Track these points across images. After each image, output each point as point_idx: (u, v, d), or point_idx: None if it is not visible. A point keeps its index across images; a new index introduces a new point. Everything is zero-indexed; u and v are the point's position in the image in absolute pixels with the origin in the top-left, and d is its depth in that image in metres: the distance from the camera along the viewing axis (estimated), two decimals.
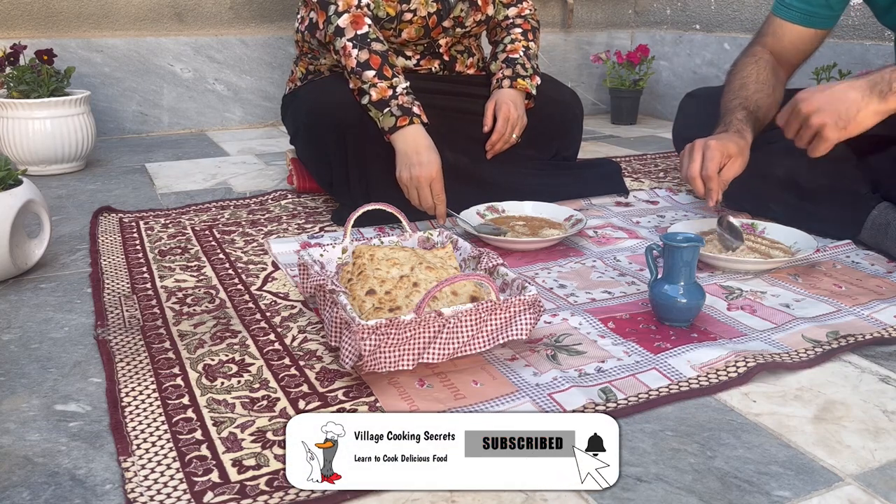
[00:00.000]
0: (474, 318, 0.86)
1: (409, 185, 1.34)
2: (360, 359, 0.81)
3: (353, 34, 1.38)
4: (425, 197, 1.34)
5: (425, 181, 1.33)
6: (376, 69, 1.36)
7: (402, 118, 1.35)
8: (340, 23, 1.39)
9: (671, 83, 2.80)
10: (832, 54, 2.16)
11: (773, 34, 1.43)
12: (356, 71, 1.38)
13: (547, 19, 2.82)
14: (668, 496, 0.67)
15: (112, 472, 0.70)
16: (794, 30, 1.40)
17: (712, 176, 1.20)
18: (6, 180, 1.13)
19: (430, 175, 1.32)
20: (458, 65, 1.63)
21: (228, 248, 1.31)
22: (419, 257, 1.01)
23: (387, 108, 1.36)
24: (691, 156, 1.23)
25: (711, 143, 1.22)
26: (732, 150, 1.22)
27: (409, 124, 1.35)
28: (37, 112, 1.80)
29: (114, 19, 2.31)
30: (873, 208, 1.28)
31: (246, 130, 2.48)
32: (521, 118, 1.53)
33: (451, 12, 1.51)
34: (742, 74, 1.39)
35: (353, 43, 1.38)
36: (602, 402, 0.81)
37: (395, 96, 1.36)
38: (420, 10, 1.48)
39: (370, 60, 1.37)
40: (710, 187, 1.21)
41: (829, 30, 1.41)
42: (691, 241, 0.97)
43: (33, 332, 1.00)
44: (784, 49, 1.42)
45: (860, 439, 0.76)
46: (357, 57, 1.37)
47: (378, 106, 1.36)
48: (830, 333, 0.97)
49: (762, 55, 1.41)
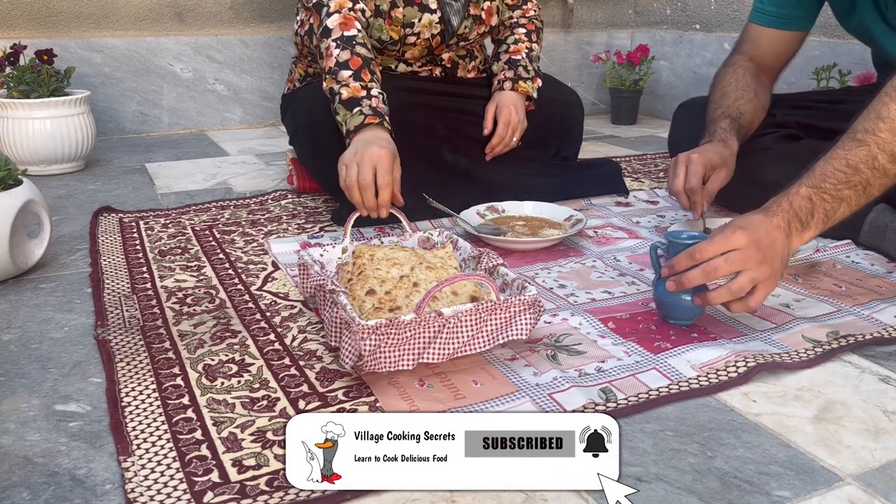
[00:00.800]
0: (474, 319, 0.86)
1: (351, 161, 1.15)
2: (360, 359, 0.81)
3: (340, 35, 1.30)
4: (364, 174, 1.13)
5: (372, 158, 1.13)
6: (353, 70, 1.28)
7: (371, 117, 1.23)
8: (329, 23, 1.32)
9: (671, 83, 2.80)
10: (832, 54, 2.16)
11: (751, 41, 1.43)
12: (333, 70, 1.28)
13: (547, 19, 2.82)
14: (668, 496, 0.67)
15: (112, 472, 0.70)
16: (770, 34, 1.41)
17: (696, 189, 1.21)
18: (6, 180, 1.13)
19: (380, 154, 1.14)
20: (460, 70, 1.63)
21: (228, 248, 1.31)
22: (419, 257, 1.01)
23: (357, 107, 1.24)
24: (674, 171, 1.24)
25: (693, 157, 1.22)
26: (716, 161, 1.22)
27: (377, 126, 1.23)
28: (37, 112, 1.80)
29: (114, 19, 2.31)
30: (870, 211, 1.27)
31: (246, 130, 2.48)
32: (522, 122, 1.53)
33: (454, 32, 1.51)
34: (722, 84, 1.40)
35: (337, 43, 1.29)
36: (602, 402, 0.81)
37: (369, 97, 1.25)
38: (424, 32, 1.47)
39: (350, 61, 1.28)
40: (695, 200, 1.22)
41: (806, 31, 1.42)
42: (695, 238, 0.97)
43: (33, 332, 1.00)
44: (763, 54, 1.42)
45: (860, 439, 0.76)
46: (337, 56, 1.28)
47: (347, 105, 1.25)
48: (830, 333, 0.97)
49: (741, 62, 1.42)
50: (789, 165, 1.33)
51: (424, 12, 1.45)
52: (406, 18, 1.44)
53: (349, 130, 1.23)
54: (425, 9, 1.45)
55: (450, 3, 1.48)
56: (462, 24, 1.51)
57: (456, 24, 1.50)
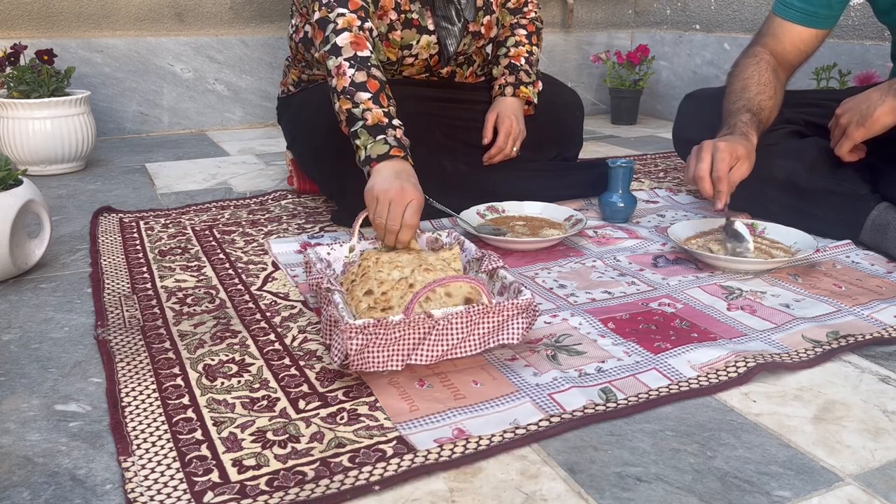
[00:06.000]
0: (465, 321, 0.86)
1: (381, 199, 1.11)
2: (347, 358, 0.81)
3: (353, 54, 1.23)
4: (395, 215, 1.09)
5: (406, 199, 1.10)
6: (372, 93, 1.21)
7: (396, 149, 1.17)
8: (339, 41, 1.24)
9: (671, 83, 2.80)
10: (832, 54, 2.16)
11: (774, 34, 1.42)
12: (348, 91, 1.21)
13: (547, 19, 2.82)
14: (668, 496, 0.67)
15: (112, 472, 0.70)
16: (794, 30, 1.40)
17: (723, 177, 1.18)
18: (6, 180, 1.13)
19: (415, 196, 1.11)
20: (458, 76, 1.62)
21: (228, 248, 1.31)
22: (421, 260, 1.01)
23: (382, 135, 1.18)
24: (699, 156, 1.21)
25: (721, 145, 1.20)
26: (741, 152, 1.21)
27: (403, 158, 1.18)
28: (37, 112, 1.80)
29: (114, 19, 2.31)
30: (873, 209, 1.27)
31: (246, 130, 2.49)
32: (522, 132, 1.53)
33: (450, 57, 1.50)
34: (744, 76, 1.38)
35: (351, 63, 1.23)
36: (602, 402, 0.81)
37: (393, 126, 1.20)
38: (422, 53, 1.46)
39: (367, 83, 1.22)
40: (719, 189, 1.19)
41: (829, 30, 1.41)
42: (625, 164, 1.42)
43: (33, 332, 1.00)
44: (784, 49, 1.41)
45: (860, 439, 0.76)
46: (353, 77, 1.22)
47: (372, 131, 1.19)
48: (830, 333, 0.97)
49: (763, 56, 1.40)
50: (796, 162, 1.33)
51: (423, 34, 1.44)
52: (404, 41, 1.43)
53: (370, 157, 1.18)
54: (423, 30, 1.44)
55: (446, 28, 1.46)
56: (461, 43, 1.50)
57: (452, 48, 1.48)
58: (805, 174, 1.32)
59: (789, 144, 1.39)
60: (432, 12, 1.44)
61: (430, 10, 1.44)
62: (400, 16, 1.41)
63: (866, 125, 1.24)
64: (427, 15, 1.44)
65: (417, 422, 0.77)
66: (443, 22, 1.45)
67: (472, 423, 0.77)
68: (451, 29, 1.47)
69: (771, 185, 1.34)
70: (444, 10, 1.45)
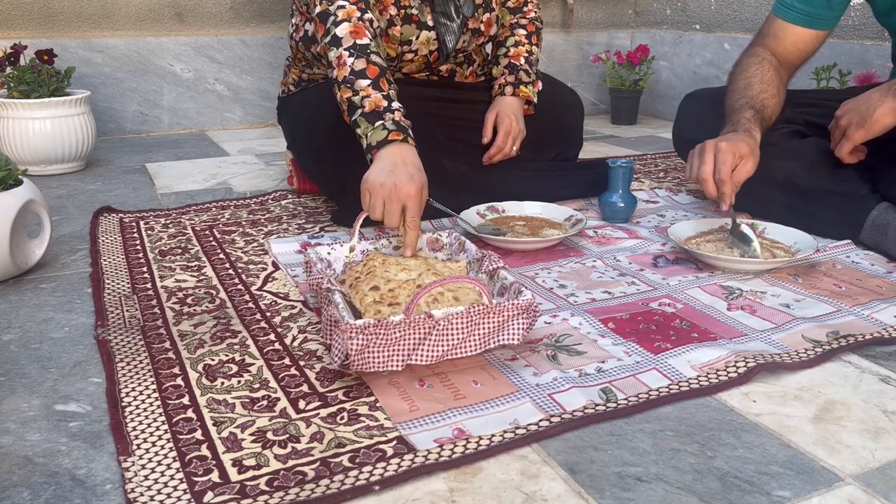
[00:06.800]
0: (465, 322, 0.86)
1: (378, 192, 1.09)
2: (347, 358, 0.81)
3: (352, 43, 1.23)
4: (391, 213, 1.08)
5: (401, 196, 1.08)
6: (371, 79, 1.20)
7: (395, 133, 1.16)
8: (338, 32, 1.24)
9: (671, 83, 2.80)
10: (832, 54, 2.16)
11: (774, 35, 1.42)
12: (348, 80, 1.21)
13: (547, 19, 2.82)
14: (668, 496, 0.67)
15: (112, 472, 0.70)
16: (795, 31, 1.40)
17: (726, 179, 1.18)
18: (6, 180, 1.13)
19: (410, 192, 1.08)
20: (458, 75, 1.62)
21: (228, 248, 1.31)
22: (430, 266, 1.01)
23: (379, 120, 1.17)
24: (702, 157, 1.20)
25: (722, 145, 1.19)
26: (744, 151, 1.20)
27: (402, 141, 1.16)
28: (37, 112, 1.80)
29: (114, 19, 2.31)
30: (873, 209, 1.27)
31: (246, 130, 2.49)
32: (522, 131, 1.53)
33: (449, 53, 1.50)
34: (746, 74, 1.38)
35: (350, 52, 1.22)
36: (602, 402, 0.81)
37: (391, 110, 1.18)
38: (421, 49, 1.46)
39: (367, 70, 1.21)
40: (723, 191, 1.19)
41: (829, 31, 1.41)
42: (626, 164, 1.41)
43: (33, 332, 1.00)
44: (785, 50, 1.41)
45: (860, 439, 0.76)
46: (352, 65, 1.21)
47: (370, 118, 1.17)
48: (830, 333, 0.97)
49: (765, 56, 1.40)
50: (796, 162, 1.33)
51: (422, 30, 1.44)
52: (403, 36, 1.43)
53: (370, 145, 1.16)
54: (423, 26, 1.44)
55: (445, 24, 1.46)
56: (461, 40, 1.50)
57: (451, 45, 1.48)
58: (805, 174, 1.32)
59: (789, 144, 1.38)
60: (431, 8, 1.44)
61: (429, 6, 1.44)
62: (400, 11, 1.41)
63: (866, 126, 1.24)
64: (426, 11, 1.44)
65: (417, 422, 0.77)
66: (442, 18, 1.46)
67: (472, 423, 0.77)
68: (450, 25, 1.47)
69: (771, 185, 1.34)
70: (443, 7, 1.46)
